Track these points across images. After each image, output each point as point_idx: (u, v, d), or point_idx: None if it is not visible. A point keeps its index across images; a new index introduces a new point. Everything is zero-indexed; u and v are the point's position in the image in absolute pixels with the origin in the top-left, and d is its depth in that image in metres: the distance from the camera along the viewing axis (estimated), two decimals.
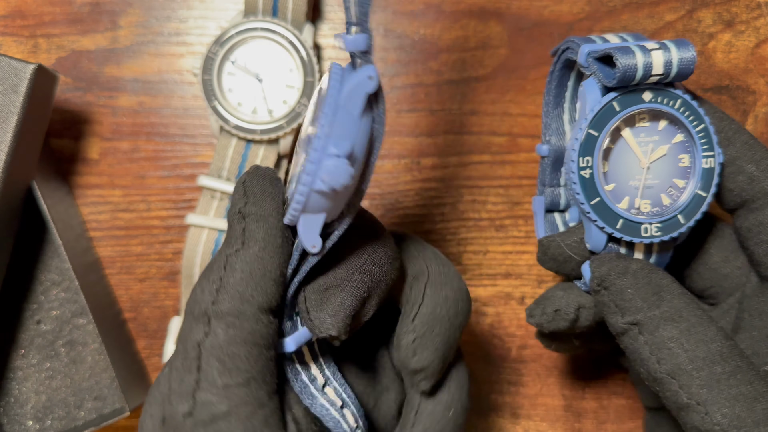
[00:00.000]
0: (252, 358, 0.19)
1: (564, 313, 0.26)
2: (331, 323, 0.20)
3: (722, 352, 0.21)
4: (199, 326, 0.19)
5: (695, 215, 0.24)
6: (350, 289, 0.21)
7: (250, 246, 0.20)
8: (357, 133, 0.18)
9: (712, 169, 0.24)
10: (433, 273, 0.23)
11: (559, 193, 0.29)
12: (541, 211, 0.29)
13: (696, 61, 0.23)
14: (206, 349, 0.19)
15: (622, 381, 0.34)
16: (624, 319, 0.23)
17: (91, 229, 0.34)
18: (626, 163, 0.24)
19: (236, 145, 0.32)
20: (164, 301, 0.34)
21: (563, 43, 0.26)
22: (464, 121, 0.34)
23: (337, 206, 0.19)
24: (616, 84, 0.23)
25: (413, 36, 0.34)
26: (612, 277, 0.23)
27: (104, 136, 0.34)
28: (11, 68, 0.27)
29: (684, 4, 0.34)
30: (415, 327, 0.22)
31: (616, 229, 0.24)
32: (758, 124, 0.34)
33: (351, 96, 0.18)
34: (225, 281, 0.19)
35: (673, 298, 0.23)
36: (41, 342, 0.32)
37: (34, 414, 0.32)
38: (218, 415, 0.18)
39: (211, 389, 0.19)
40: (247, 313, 0.19)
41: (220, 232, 0.31)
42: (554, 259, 0.27)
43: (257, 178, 0.21)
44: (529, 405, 0.34)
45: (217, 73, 0.31)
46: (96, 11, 0.34)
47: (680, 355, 0.22)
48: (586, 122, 0.24)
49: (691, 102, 0.24)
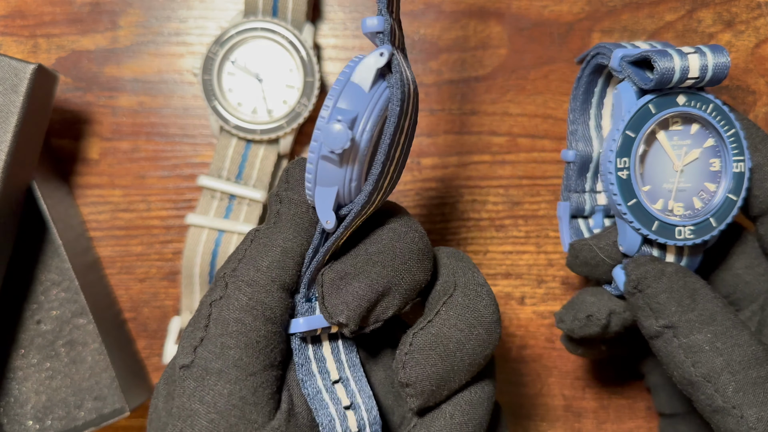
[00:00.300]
0: (255, 327, 0.20)
1: (596, 318, 0.26)
2: (342, 310, 0.20)
3: (757, 356, 0.22)
4: (217, 289, 0.20)
5: (726, 219, 0.24)
6: (367, 280, 0.20)
7: (277, 225, 0.21)
8: (365, 105, 0.19)
9: (742, 173, 0.24)
10: (458, 293, 0.21)
11: (584, 200, 0.29)
12: (567, 217, 0.29)
13: (730, 66, 0.23)
14: (216, 310, 0.20)
15: (622, 381, 0.34)
16: (659, 323, 0.23)
17: (91, 229, 0.34)
18: (660, 165, 0.25)
19: (236, 145, 0.32)
20: (164, 301, 0.34)
21: (593, 49, 0.27)
22: (464, 121, 0.34)
23: (349, 181, 0.20)
24: (653, 86, 0.23)
25: (413, 36, 0.34)
26: (648, 280, 0.23)
27: (104, 136, 0.34)
28: (11, 68, 0.27)
29: (684, 4, 0.34)
30: (414, 340, 0.21)
31: (651, 231, 0.24)
32: (758, 124, 0.34)
33: (361, 70, 0.19)
34: (248, 252, 0.21)
35: (706, 302, 0.23)
36: (41, 342, 0.32)
37: (34, 414, 0.32)
38: (210, 372, 0.19)
39: (210, 347, 0.19)
40: (260, 283, 0.20)
41: (220, 232, 0.31)
42: (586, 263, 0.26)
43: (300, 166, 0.22)
44: (529, 405, 0.34)
45: (217, 73, 0.31)
46: (96, 11, 0.34)
47: (716, 359, 0.22)
48: (624, 123, 0.24)
49: (722, 107, 0.24)
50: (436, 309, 0.21)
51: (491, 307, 0.21)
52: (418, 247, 0.21)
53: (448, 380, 0.21)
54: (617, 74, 0.25)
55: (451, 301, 0.21)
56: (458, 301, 0.21)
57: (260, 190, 0.32)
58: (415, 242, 0.21)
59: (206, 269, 0.31)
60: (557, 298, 0.34)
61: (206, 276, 0.32)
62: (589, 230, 0.29)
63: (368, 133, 0.19)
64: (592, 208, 0.29)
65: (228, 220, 0.32)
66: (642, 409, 0.34)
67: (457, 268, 0.22)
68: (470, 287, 0.21)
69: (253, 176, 0.32)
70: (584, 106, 0.29)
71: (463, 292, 0.21)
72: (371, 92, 0.19)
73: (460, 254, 0.23)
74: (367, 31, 0.20)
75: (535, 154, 0.34)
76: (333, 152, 0.18)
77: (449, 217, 0.34)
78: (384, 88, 0.19)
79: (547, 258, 0.34)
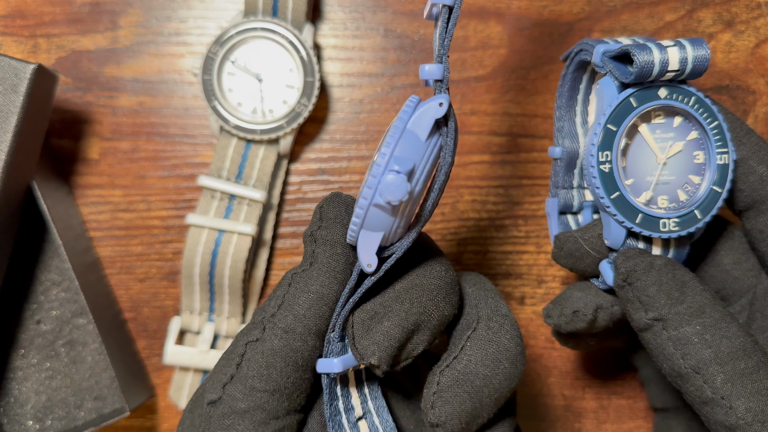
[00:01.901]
0: (285, 373, 0.20)
1: (582, 314, 0.26)
2: (373, 351, 0.20)
3: (745, 348, 0.22)
4: (255, 330, 0.21)
5: (711, 211, 0.24)
6: (397, 319, 0.20)
7: (314, 268, 0.21)
8: (421, 155, 0.19)
9: (726, 165, 0.25)
10: (481, 326, 0.21)
11: (572, 195, 0.29)
12: (555, 213, 0.29)
13: (710, 59, 0.23)
14: (250, 351, 0.20)
15: (622, 381, 0.34)
16: (648, 315, 0.23)
17: (91, 229, 0.34)
18: (643, 159, 0.25)
19: (236, 145, 0.32)
20: (164, 301, 0.34)
21: (576, 46, 0.27)
22: (464, 121, 0.34)
23: (396, 227, 0.20)
24: (633, 80, 0.23)
25: (413, 36, 0.34)
26: (637, 273, 0.23)
27: (104, 136, 0.34)
28: (11, 68, 0.27)
29: (684, 4, 0.34)
30: (441, 379, 0.20)
31: (635, 224, 0.24)
32: (758, 124, 0.34)
33: (419, 119, 0.19)
34: (286, 298, 0.21)
35: (695, 294, 0.23)
36: (41, 342, 0.32)
37: (34, 414, 0.32)
38: (236, 411, 0.20)
39: (240, 387, 0.20)
40: (296, 331, 0.20)
41: (220, 232, 0.31)
42: (570, 255, 0.26)
43: (334, 204, 0.22)
44: (529, 405, 0.34)
45: (217, 73, 0.31)
46: (96, 11, 0.34)
47: (704, 351, 0.22)
48: (605, 117, 0.24)
49: (704, 99, 0.24)
50: (461, 344, 0.21)
51: (515, 339, 0.21)
52: (444, 281, 0.21)
53: (476, 416, 0.21)
54: (599, 70, 0.25)
55: (475, 335, 0.21)
56: (482, 335, 0.21)
57: (260, 190, 0.32)
58: (442, 277, 0.21)
59: (206, 269, 0.31)
60: None
61: (206, 276, 0.32)
62: (578, 226, 0.29)
63: (421, 184, 0.19)
64: (581, 204, 0.29)
65: (228, 220, 0.32)
66: (642, 409, 0.34)
67: (479, 299, 0.22)
68: (494, 319, 0.21)
69: (253, 176, 0.32)
70: (570, 103, 0.29)
71: (486, 325, 0.21)
72: (428, 142, 0.19)
73: (483, 281, 0.23)
74: (424, 77, 0.20)
75: (535, 154, 0.34)
76: (389, 203, 0.18)
77: (449, 217, 0.34)
78: (438, 137, 0.19)
79: (547, 258, 0.34)
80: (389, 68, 0.34)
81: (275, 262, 0.34)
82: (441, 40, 0.20)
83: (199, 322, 0.33)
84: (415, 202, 0.20)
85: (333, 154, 0.34)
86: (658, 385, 0.30)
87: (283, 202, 0.34)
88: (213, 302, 0.33)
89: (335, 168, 0.34)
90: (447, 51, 0.20)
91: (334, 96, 0.34)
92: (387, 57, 0.34)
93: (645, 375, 0.31)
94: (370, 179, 0.19)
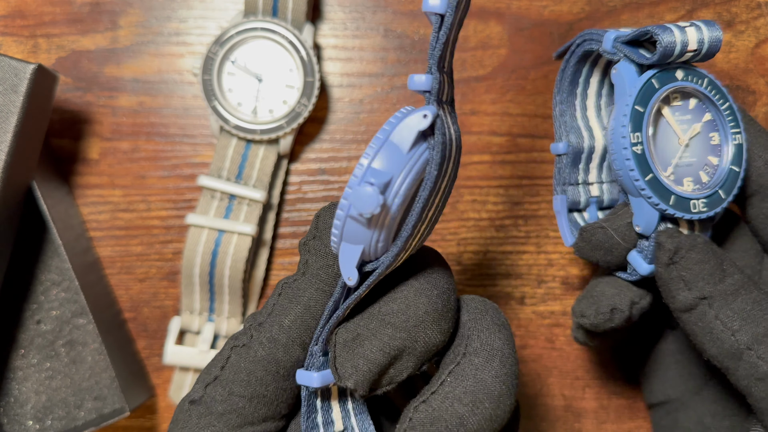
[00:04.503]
0: (265, 381, 0.20)
1: (619, 310, 0.26)
2: (350, 374, 0.19)
3: None
4: (243, 336, 0.21)
5: (733, 190, 0.25)
6: (379, 344, 0.19)
7: (305, 279, 0.21)
8: (401, 167, 0.18)
9: (740, 144, 0.25)
10: (465, 361, 0.20)
11: (579, 192, 0.29)
12: (564, 210, 0.29)
13: (722, 39, 0.24)
14: (235, 356, 0.20)
15: (622, 381, 0.34)
16: (692, 294, 0.23)
17: (91, 229, 0.34)
18: (666, 141, 0.25)
19: (236, 145, 0.32)
20: (164, 301, 0.34)
21: (578, 38, 0.27)
22: (464, 121, 0.34)
23: (376, 241, 0.19)
24: (655, 61, 0.24)
25: (413, 36, 0.34)
26: (682, 251, 0.23)
27: (104, 136, 0.34)
28: (11, 68, 0.27)
29: (684, 4, 0.34)
30: (414, 415, 0.19)
31: (669, 206, 0.24)
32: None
33: (401, 131, 0.18)
34: (275, 308, 0.21)
35: (734, 272, 0.23)
36: (41, 342, 0.32)
37: (34, 414, 0.32)
38: (213, 413, 0.20)
39: (220, 389, 0.20)
40: (280, 341, 0.20)
41: (220, 232, 0.31)
42: (600, 248, 0.26)
43: (330, 214, 0.22)
44: (529, 405, 0.34)
45: (217, 73, 0.31)
46: (96, 11, 0.34)
47: (756, 326, 0.22)
48: (632, 98, 0.24)
49: (715, 81, 0.25)
50: (441, 378, 0.20)
51: (502, 378, 0.19)
52: (435, 308, 0.20)
53: None
54: (611, 56, 0.25)
55: (457, 370, 0.19)
56: (465, 372, 0.19)
57: (260, 190, 0.32)
58: (432, 302, 0.20)
59: (206, 269, 0.31)
60: (557, 298, 0.34)
61: (206, 276, 0.32)
62: (585, 223, 0.29)
63: (401, 198, 0.18)
64: (587, 200, 0.29)
65: (228, 220, 0.32)
66: (642, 409, 0.34)
67: (472, 330, 0.20)
68: (481, 355, 0.20)
69: (253, 176, 0.32)
70: (570, 98, 0.29)
71: (470, 360, 0.20)
72: (410, 154, 0.18)
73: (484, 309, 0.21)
74: (413, 88, 0.19)
75: (535, 154, 0.34)
76: (361, 215, 0.18)
77: (449, 217, 0.34)
78: (424, 149, 0.18)
79: (547, 258, 0.34)
80: (389, 68, 0.34)
81: (275, 262, 0.34)
82: (431, 49, 0.19)
83: (199, 322, 0.33)
84: (394, 218, 0.19)
85: (333, 154, 0.34)
86: (659, 377, 0.30)
87: (283, 202, 0.34)
88: (213, 302, 0.33)
89: (335, 168, 0.34)
90: (437, 61, 0.19)
91: (334, 96, 0.34)
92: (387, 57, 0.34)
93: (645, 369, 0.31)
94: (346, 191, 0.18)
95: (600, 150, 0.29)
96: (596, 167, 0.29)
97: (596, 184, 0.29)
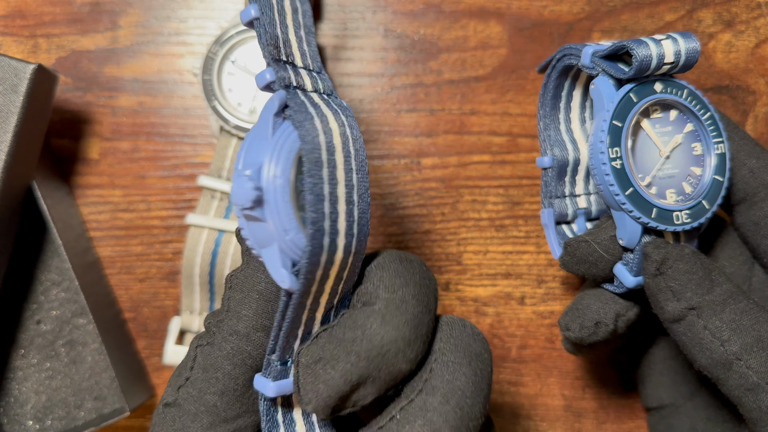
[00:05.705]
0: (233, 374, 0.20)
1: (604, 324, 0.26)
2: (311, 399, 0.19)
3: None
4: (206, 334, 0.21)
5: (717, 200, 0.25)
6: (341, 371, 0.18)
7: (249, 267, 0.21)
8: (267, 152, 0.18)
9: (723, 154, 0.25)
10: (419, 399, 0.18)
11: (566, 204, 0.29)
12: (552, 223, 0.29)
13: (700, 50, 0.24)
14: (200, 354, 0.20)
15: (622, 381, 0.34)
16: (681, 305, 0.23)
17: (91, 229, 0.34)
18: (647, 154, 0.25)
19: (236, 145, 0.32)
20: (164, 301, 0.34)
21: (557, 53, 0.27)
22: (464, 121, 0.34)
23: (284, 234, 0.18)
24: (632, 75, 0.24)
25: (413, 36, 0.34)
26: (669, 262, 0.23)
27: (104, 136, 0.34)
28: (11, 68, 0.27)
29: (684, 4, 0.34)
30: None
31: (651, 219, 0.24)
32: (758, 124, 0.34)
33: (261, 117, 0.19)
34: (230, 300, 0.21)
35: (723, 282, 0.23)
36: (41, 342, 0.32)
37: (34, 414, 0.32)
38: (186, 413, 0.20)
39: (191, 390, 0.20)
40: (241, 332, 0.20)
41: (220, 232, 0.31)
42: (584, 261, 0.26)
43: None
44: (529, 405, 0.34)
45: (217, 73, 0.31)
46: (96, 11, 0.34)
47: (744, 337, 0.22)
48: (609, 113, 0.24)
49: (695, 91, 0.25)
50: (391, 414, 0.19)
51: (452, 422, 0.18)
52: (402, 336, 0.18)
53: None
54: (589, 71, 0.25)
55: (409, 408, 0.18)
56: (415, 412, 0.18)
57: None
58: (399, 331, 0.18)
59: (206, 269, 0.31)
60: (557, 298, 0.34)
61: (206, 276, 0.32)
62: (573, 235, 0.29)
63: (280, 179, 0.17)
64: (575, 212, 0.29)
65: (228, 220, 0.32)
66: (642, 409, 0.34)
67: (438, 362, 0.19)
68: (438, 393, 0.18)
69: None
70: (553, 112, 0.29)
71: (424, 400, 0.18)
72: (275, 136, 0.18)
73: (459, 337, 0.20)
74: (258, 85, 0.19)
75: (535, 154, 0.34)
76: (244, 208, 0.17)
77: (449, 217, 0.34)
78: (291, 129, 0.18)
79: (547, 258, 0.34)
80: (389, 68, 0.34)
81: None
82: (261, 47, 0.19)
83: (199, 322, 0.33)
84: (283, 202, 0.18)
85: None
86: (653, 382, 0.30)
87: None
88: (213, 302, 0.33)
89: None
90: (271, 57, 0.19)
91: None
92: (387, 57, 0.34)
93: (638, 374, 0.31)
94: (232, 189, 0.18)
95: (585, 162, 0.29)
96: (582, 179, 0.29)
97: (583, 196, 0.29)
